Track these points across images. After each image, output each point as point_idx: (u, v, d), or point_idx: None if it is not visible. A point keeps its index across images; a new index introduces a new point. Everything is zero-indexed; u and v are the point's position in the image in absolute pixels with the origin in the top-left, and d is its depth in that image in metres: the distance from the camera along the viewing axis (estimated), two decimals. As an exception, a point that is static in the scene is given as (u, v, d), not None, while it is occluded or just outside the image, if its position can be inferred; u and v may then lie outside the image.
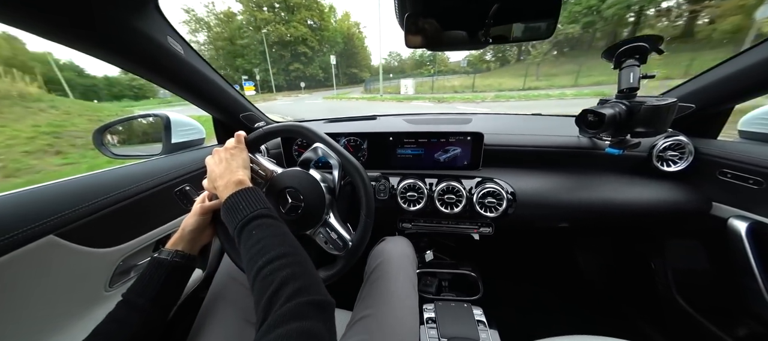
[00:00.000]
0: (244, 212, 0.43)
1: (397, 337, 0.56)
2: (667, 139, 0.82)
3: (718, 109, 0.83)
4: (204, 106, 0.86)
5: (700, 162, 0.81)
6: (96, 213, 0.56)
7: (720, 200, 0.80)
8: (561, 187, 0.88)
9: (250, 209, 0.43)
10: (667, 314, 1.00)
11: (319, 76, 49.59)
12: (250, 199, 0.45)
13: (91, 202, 0.56)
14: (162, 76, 0.68)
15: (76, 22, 0.46)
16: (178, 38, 0.63)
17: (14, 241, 0.45)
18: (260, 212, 0.43)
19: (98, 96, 51.37)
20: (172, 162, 0.79)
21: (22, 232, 0.46)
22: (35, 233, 0.47)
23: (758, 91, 0.72)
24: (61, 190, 0.55)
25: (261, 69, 43.71)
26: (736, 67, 0.72)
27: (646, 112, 0.67)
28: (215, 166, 0.53)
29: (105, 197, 0.59)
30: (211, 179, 0.53)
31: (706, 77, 0.79)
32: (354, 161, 0.58)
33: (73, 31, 0.48)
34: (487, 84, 17.80)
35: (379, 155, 0.94)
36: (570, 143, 0.90)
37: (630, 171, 0.89)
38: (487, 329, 0.78)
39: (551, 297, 1.28)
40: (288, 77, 46.78)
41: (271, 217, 0.44)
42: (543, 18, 0.52)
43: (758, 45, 0.67)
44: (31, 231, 0.47)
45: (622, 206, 0.85)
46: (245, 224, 0.42)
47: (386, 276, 0.66)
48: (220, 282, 0.65)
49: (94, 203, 0.56)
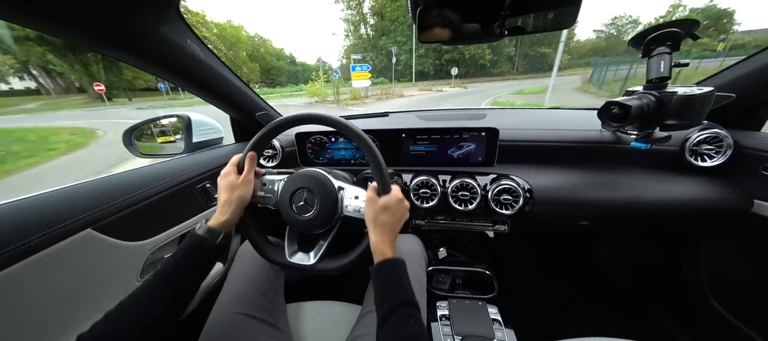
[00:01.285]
0: (405, 290, 0.45)
1: None
2: (702, 131, 0.76)
3: (762, 98, 0.76)
4: (222, 105, 0.90)
5: (740, 156, 0.74)
6: (127, 209, 0.61)
7: (763, 197, 0.73)
8: (582, 184, 0.84)
9: (409, 291, 0.46)
10: (700, 317, 0.94)
11: (484, 58, 34.01)
12: (406, 278, 0.47)
13: (122, 198, 0.60)
14: (182, 78, 0.71)
15: (101, 28, 0.49)
16: (197, 41, 0.66)
17: (58, 233, 0.49)
18: (415, 301, 0.45)
19: (297, 79, 57.76)
20: (194, 161, 0.83)
21: (64, 226, 0.50)
22: (76, 227, 0.51)
23: None
24: (95, 187, 0.59)
25: (404, 49, 33.31)
26: None
27: (678, 103, 0.62)
28: (389, 212, 0.52)
29: (134, 194, 0.63)
30: (379, 219, 0.51)
31: (748, 64, 0.72)
32: (371, 145, 0.54)
33: (99, 36, 0.51)
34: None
35: (392, 152, 0.94)
36: (591, 138, 0.86)
37: (659, 167, 0.83)
38: (502, 328, 0.76)
39: (570, 297, 1.23)
40: (439, 61, 34.62)
41: (420, 310, 0.45)
42: (564, 6, 0.49)
43: None
44: (71, 225, 0.51)
45: (651, 204, 0.80)
46: (404, 306, 0.43)
47: None
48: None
49: (125, 199, 0.61)
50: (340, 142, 0.98)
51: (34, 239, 0.46)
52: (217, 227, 0.51)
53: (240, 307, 0.59)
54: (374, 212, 0.52)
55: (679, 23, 0.62)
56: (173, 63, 0.64)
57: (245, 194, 0.55)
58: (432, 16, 0.52)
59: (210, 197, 0.83)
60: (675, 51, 0.64)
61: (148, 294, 0.42)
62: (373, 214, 0.52)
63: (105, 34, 0.50)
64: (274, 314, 0.63)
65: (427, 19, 0.53)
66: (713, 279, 0.90)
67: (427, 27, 0.54)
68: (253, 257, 0.67)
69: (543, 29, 0.53)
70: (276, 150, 1.04)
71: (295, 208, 0.58)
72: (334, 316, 0.71)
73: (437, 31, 0.54)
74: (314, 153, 1.01)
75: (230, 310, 0.59)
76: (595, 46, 49.55)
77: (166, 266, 0.45)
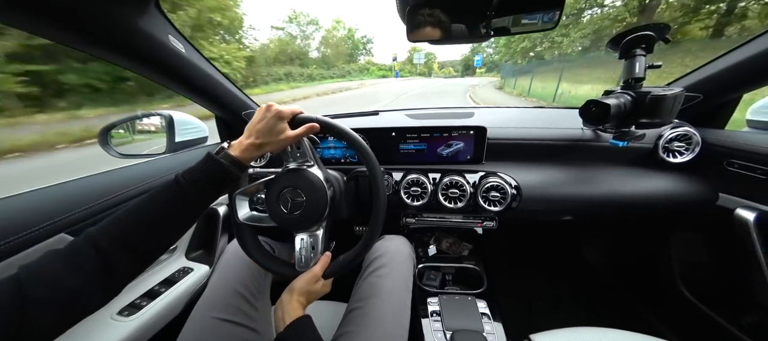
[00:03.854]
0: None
1: (380, 331, 0.57)
2: (674, 130, 0.81)
3: (726, 98, 0.81)
4: (206, 104, 0.87)
5: (706, 153, 0.80)
6: (105, 212, 0.58)
7: (727, 191, 0.79)
8: (565, 180, 0.88)
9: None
10: (673, 306, 1.00)
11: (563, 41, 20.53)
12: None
13: (99, 201, 0.57)
14: (163, 75, 0.68)
15: (76, 23, 0.47)
16: (179, 37, 0.63)
17: (29, 238, 0.46)
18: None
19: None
20: (177, 161, 0.80)
21: (36, 230, 0.47)
22: (48, 232, 0.49)
23: (766, 79, 0.70)
24: (69, 190, 0.56)
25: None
26: (745, 55, 0.70)
27: (651, 102, 0.66)
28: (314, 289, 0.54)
29: (112, 197, 0.60)
30: None
31: (713, 66, 0.78)
32: (368, 151, 0.54)
33: (74, 31, 0.48)
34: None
35: (382, 151, 0.94)
36: (574, 136, 0.89)
37: (635, 163, 0.88)
38: (491, 321, 0.78)
39: (555, 290, 1.28)
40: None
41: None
42: (547, 8, 0.51)
43: (766, 32, 0.66)
44: (44, 230, 0.48)
45: (627, 198, 0.84)
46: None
47: (379, 272, 0.68)
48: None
49: (102, 202, 0.58)
50: (330, 141, 0.97)
51: (2, 244, 0.43)
52: (237, 154, 0.47)
53: (216, 311, 0.57)
54: (305, 282, 0.53)
55: (653, 27, 0.66)
56: (153, 59, 0.61)
57: (276, 149, 0.50)
58: (420, 15, 0.53)
59: None
60: (649, 53, 0.68)
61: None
62: (304, 283, 0.53)
63: (76, 26, 0.47)
64: (253, 316, 0.61)
65: (415, 19, 0.53)
66: (683, 269, 0.97)
67: (415, 26, 0.54)
68: (237, 258, 0.65)
69: (527, 31, 0.55)
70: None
71: (285, 209, 0.57)
72: (320, 315, 0.70)
73: (425, 30, 0.55)
74: None
75: (206, 315, 0.57)
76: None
77: (184, 175, 0.43)
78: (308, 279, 0.54)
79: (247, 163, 0.49)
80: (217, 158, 0.45)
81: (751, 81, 0.73)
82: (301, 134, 0.50)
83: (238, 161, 0.47)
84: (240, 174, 0.48)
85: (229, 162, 0.46)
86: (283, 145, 0.50)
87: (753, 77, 0.71)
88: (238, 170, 0.47)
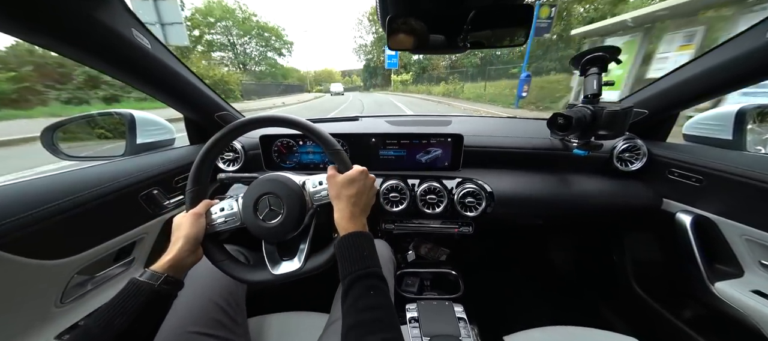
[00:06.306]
0: (366, 263, 0.43)
1: None
2: (626, 142, 0.90)
3: (667, 114, 0.92)
4: (173, 103, 0.81)
5: (652, 163, 0.90)
6: (43, 222, 0.51)
7: (669, 196, 0.89)
8: (535, 186, 0.93)
9: (372, 263, 0.44)
10: (627, 301, 1.09)
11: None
12: (369, 251, 0.45)
13: (37, 209, 0.50)
14: (125, 72, 0.63)
15: (30, 14, 0.42)
16: (144, 31, 0.59)
17: None
18: (378, 272, 0.43)
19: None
20: (137, 164, 0.73)
21: None
22: None
23: (699, 99, 0.81)
24: (2, 196, 0.49)
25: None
26: (681, 77, 0.81)
27: (606, 116, 0.73)
28: (355, 185, 0.51)
29: (55, 204, 0.53)
30: (346, 193, 0.50)
31: (657, 85, 0.88)
32: (317, 129, 0.54)
33: (27, 24, 0.43)
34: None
35: (362, 156, 0.94)
36: (543, 145, 0.96)
37: (594, 171, 0.96)
38: (467, 325, 0.80)
39: (528, 292, 1.35)
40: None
41: (385, 282, 0.44)
42: (516, 26, 0.55)
43: (698, 58, 0.76)
44: None
45: (587, 203, 0.92)
46: (365, 278, 0.41)
47: None
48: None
49: (41, 209, 0.51)
50: (309, 145, 0.95)
51: None
52: (159, 269, 0.44)
53: (195, 325, 0.53)
54: (337, 189, 0.51)
55: (606, 49, 0.73)
56: (114, 54, 0.56)
57: (191, 231, 0.48)
58: (400, 24, 0.54)
59: (158, 204, 0.74)
60: (604, 72, 0.76)
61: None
62: (336, 191, 0.51)
63: (27, 16, 0.42)
64: (235, 330, 0.57)
65: (396, 27, 0.55)
66: (635, 267, 1.06)
67: (395, 34, 0.56)
68: (208, 269, 0.61)
69: (499, 45, 0.59)
70: (238, 153, 0.96)
71: (262, 217, 0.53)
72: (300, 327, 0.67)
73: (404, 38, 0.56)
74: (280, 157, 0.97)
75: (184, 329, 0.52)
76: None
77: (90, 321, 0.38)
78: (343, 182, 0.51)
79: (170, 269, 0.45)
80: (141, 281, 0.41)
81: (686, 100, 0.83)
82: (192, 204, 0.52)
83: (155, 272, 0.43)
84: (153, 286, 0.41)
85: (146, 278, 0.42)
86: (192, 226, 0.49)
87: (687, 97, 0.82)
88: (154, 281, 0.42)
